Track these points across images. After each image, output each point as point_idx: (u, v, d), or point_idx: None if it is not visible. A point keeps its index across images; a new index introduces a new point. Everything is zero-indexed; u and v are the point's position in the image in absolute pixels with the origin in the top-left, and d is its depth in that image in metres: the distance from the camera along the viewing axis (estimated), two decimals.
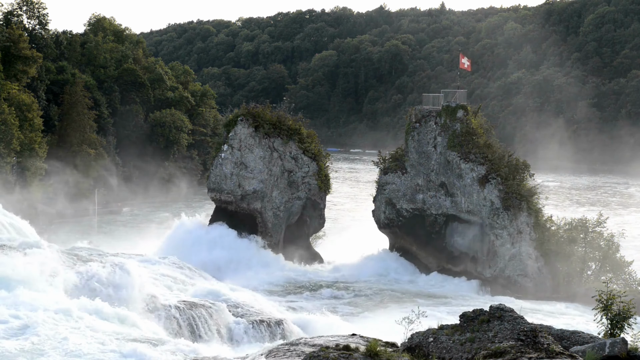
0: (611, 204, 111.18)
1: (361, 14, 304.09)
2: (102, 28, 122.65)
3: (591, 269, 56.02)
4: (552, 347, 17.06)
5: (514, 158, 56.68)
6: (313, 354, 17.80)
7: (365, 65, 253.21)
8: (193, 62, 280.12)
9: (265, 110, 61.66)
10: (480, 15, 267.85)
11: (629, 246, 61.25)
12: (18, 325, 25.24)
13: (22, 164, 79.32)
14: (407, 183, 59.93)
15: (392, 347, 19.65)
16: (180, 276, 38.27)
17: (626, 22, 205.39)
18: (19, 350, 23.01)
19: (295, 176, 61.04)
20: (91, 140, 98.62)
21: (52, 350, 23.26)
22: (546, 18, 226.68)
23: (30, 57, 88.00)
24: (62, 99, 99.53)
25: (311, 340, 24.94)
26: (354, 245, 67.77)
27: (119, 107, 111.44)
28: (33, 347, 23.37)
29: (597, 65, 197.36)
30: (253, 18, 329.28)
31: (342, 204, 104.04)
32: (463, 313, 18.86)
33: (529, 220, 54.12)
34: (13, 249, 34.85)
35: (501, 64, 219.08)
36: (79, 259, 37.20)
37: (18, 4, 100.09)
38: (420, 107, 61.24)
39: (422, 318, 20.44)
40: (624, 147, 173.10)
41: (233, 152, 60.43)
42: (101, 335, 25.37)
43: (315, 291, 53.41)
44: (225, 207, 61.17)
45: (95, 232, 78.30)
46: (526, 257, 54.05)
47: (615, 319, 18.66)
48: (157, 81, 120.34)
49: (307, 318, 36.89)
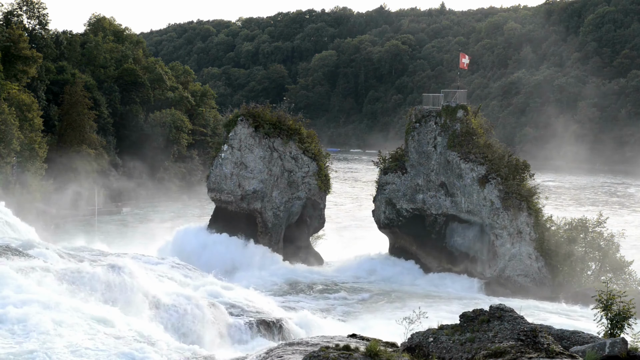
0: (611, 204, 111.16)
1: (361, 14, 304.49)
2: (102, 28, 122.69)
3: (591, 269, 56.00)
4: (552, 347, 17.04)
5: (514, 158, 56.65)
6: (313, 354, 17.78)
7: (365, 65, 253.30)
8: (193, 62, 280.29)
9: (265, 110, 61.65)
10: (480, 15, 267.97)
11: (629, 246, 61.25)
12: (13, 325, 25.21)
13: (22, 164, 79.28)
14: (407, 183, 59.91)
15: (392, 347, 19.63)
16: (179, 276, 38.26)
17: (626, 22, 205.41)
18: (15, 351, 22.98)
19: (295, 176, 61.03)
20: (91, 140, 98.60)
21: (50, 350, 23.23)
22: (546, 18, 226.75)
23: (30, 57, 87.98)
24: (62, 99, 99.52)
25: (311, 340, 24.90)
26: (354, 245, 67.81)
27: (119, 107, 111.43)
28: (30, 348, 23.33)
29: (597, 65, 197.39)
30: (253, 18, 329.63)
31: (342, 204, 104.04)
32: (463, 313, 18.84)
33: (529, 220, 54.09)
34: (12, 250, 34.84)
35: (501, 64, 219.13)
36: (79, 259, 37.19)
37: (18, 4, 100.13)
38: (420, 107, 61.21)
39: (422, 318, 20.44)
40: (624, 147, 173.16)
41: (233, 152, 60.42)
42: (100, 335, 25.35)
43: (315, 291, 53.39)
44: (225, 207, 61.16)
45: (95, 232, 78.26)
46: (526, 257, 54.03)
47: (615, 319, 18.65)
48: (157, 81, 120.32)
49: (307, 318, 36.85)
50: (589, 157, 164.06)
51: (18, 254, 34.06)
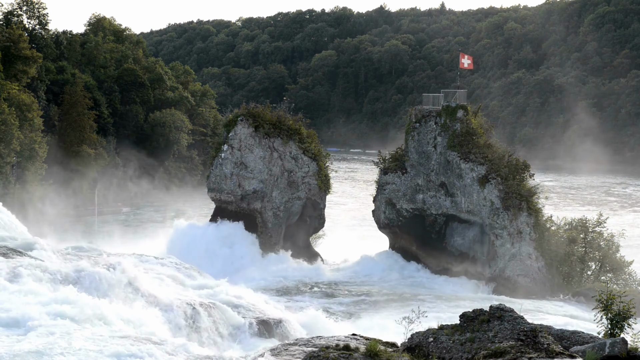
0: (611, 204, 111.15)
1: (361, 14, 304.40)
2: (102, 28, 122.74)
3: (591, 269, 56.00)
4: (552, 347, 17.04)
5: (514, 158, 56.62)
6: (313, 354, 17.79)
7: (365, 65, 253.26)
8: (193, 62, 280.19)
9: (265, 110, 61.65)
10: (480, 15, 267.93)
11: (629, 246, 61.24)
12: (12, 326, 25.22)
13: (22, 164, 79.29)
14: (407, 183, 59.90)
15: (392, 347, 19.64)
16: (179, 276, 38.22)
17: (626, 22, 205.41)
18: (13, 351, 22.98)
19: (295, 176, 61.03)
20: (91, 140, 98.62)
21: (49, 350, 23.23)
22: (546, 18, 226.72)
23: (30, 57, 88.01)
24: (62, 99, 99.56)
25: (311, 340, 24.92)
26: (354, 245, 67.79)
27: (119, 107, 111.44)
28: (28, 347, 23.34)
29: (597, 65, 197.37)
30: (253, 18, 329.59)
31: (342, 203, 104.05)
32: (463, 313, 18.85)
33: (529, 220, 54.07)
34: (12, 250, 34.83)
35: (501, 64, 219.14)
36: (78, 259, 37.18)
37: (18, 4, 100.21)
38: (420, 107, 61.20)
39: (422, 318, 20.43)
40: (624, 147, 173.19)
41: (233, 152, 60.42)
42: (99, 335, 25.35)
43: (315, 291, 53.39)
44: (225, 207, 61.16)
45: (95, 232, 78.27)
46: (526, 257, 54.01)
47: (615, 319, 18.66)
48: (157, 81, 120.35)
49: (307, 318, 36.82)
50: (589, 157, 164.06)
51: (18, 254, 34.06)
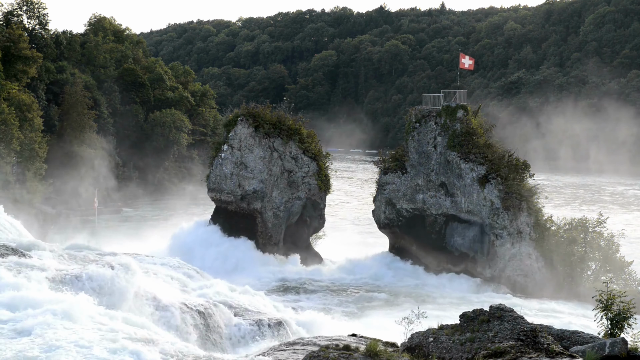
0: (611, 204, 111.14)
1: (361, 14, 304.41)
2: (102, 28, 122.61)
3: (591, 269, 55.97)
4: (552, 347, 17.04)
5: (514, 158, 56.62)
6: (313, 354, 17.79)
7: (365, 65, 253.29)
8: (193, 62, 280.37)
9: (265, 110, 61.66)
10: (480, 15, 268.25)
11: (629, 246, 61.22)
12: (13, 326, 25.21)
13: (22, 164, 79.26)
14: (407, 183, 59.91)
15: (392, 347, 19.65)
16: (179, 276, 38.23)
17: (626, 22, 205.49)
18: (14, 351, 22.99)
19: (295, 176, 61.04)
20: (91, 140, 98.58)
21: (50, 350, 23.24)
22: (546, 18, 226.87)
23: (30, 57, 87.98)
24: (62, 99, 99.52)
25: (311, 340, 24.93)
26: (354, 245, 67.80)
27: (119, 107, 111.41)
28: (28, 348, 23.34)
29: (597, 65, 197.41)
30: (253, 18, 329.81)
31: (342, 203, 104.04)
32: (463, 313, 18.85)
33: (529, 220, 54.09)
34: (12, 250, 34.82)
35: (501, 64, 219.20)
36: (78, 259, 37.18)
37: (18, 4, 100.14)
38: (420, 107, 61.20)
39: (422, 318, 20.41)
40: (624, 147, 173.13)
41: (233, 152, 60.43)
42: (99, 335, 25.35)
43: (315, 291, 53.41)
44: (225, 207, 61.16)
45: (95, 232, 78.23)
46: (526, 257, 54.03)
47: (615, 319, 18.67)
48: (157, 81, 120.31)
49: (307, 318, 36.83)
50: (589, 157, 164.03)
51: (18, 254, 34.06)
